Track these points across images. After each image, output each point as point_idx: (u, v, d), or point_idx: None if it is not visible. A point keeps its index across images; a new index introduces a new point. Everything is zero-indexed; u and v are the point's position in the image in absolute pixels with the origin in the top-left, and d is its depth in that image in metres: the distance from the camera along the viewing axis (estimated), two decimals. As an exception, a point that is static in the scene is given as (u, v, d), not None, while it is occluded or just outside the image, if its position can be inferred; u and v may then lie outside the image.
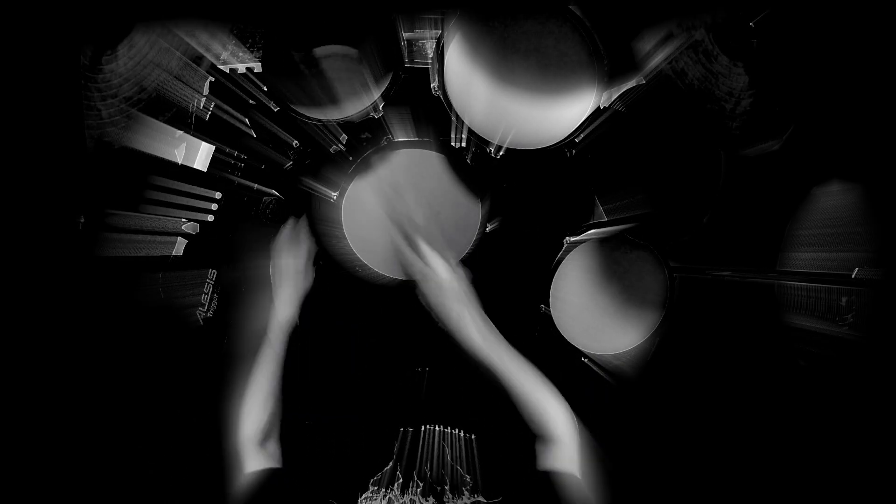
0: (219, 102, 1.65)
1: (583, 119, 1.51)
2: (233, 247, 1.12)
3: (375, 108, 1.60)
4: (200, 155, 1.67)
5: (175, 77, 1.55)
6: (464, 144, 1.63)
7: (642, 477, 1.64)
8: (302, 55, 1.54)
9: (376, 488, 1.50)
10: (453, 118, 1.54)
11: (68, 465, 1.49)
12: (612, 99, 1.54)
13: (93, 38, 1.45)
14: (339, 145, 1.69)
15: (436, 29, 1.52)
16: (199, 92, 1.62)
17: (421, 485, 1.54)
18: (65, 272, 1.52)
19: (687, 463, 1.64)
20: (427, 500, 1.50)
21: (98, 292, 1.58)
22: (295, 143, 1.73)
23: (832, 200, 1.55)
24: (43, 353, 1.47)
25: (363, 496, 1.47)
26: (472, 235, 1.68)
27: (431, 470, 1.62)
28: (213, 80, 1.62)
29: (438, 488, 1.54)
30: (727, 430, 1.63)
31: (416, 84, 1.59)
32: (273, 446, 1.06)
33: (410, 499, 1.50)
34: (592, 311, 1.65)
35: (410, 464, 1.62)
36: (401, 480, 1.52)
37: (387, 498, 1.47)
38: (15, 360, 1.42)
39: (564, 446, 1.04)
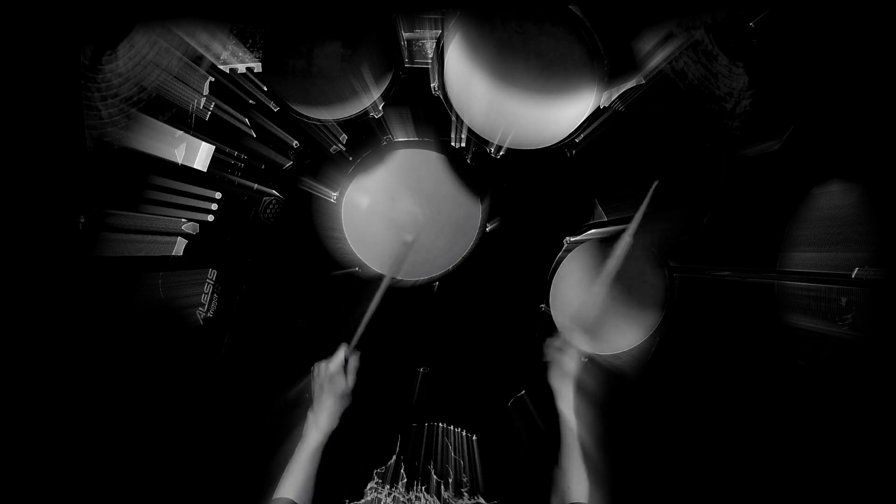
0: (219, 102, 1.65)
1: (583, 119, 1.51)
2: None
3: (375, 108, 1.61)
4: (200, 155, 1.67)
5: (175, 77, 1.55)
6: (464, 144, 1.63)
7: (643, 476, 1.64)
8: (302, 55, 1.54)
9: (381, 481, 1.51)
10: (453, 118, 1.54)
11: (68, 465, 1.49)
12: (612, 99, 1.54)
13: (93, 38, 1.45)
14: (339, 145, 1.69)
15: (436, 29, 1.52)
16: (199, 92, 1.62)
17: (425, 482, 1.54)
18: (65, 272, 1.52)
19: (687, 462, 1.64)
20: (431, 498, 1.50)
21: (98, 292, 1.58)
22: (295, 143, 1.73)
23: (832, 200, 1.55)
24: (43, 353, 1.47)
25: (369, 486, 1.48)
26: (472, 235, 1.68)
27: (435, 467, 1.63)
28: (213, 80, 1.62)
29: (442, 486, 1.55)
30: (727, 429, 1.63)
31: (416, 84, 1.59)
32: None
33: (416, 495, 1.50)
34: (592, 311, 1.65)
35: (414, 460, 1.62)
36: (405, 480, 1.53)
37: (391, 495, 1.48)
38: (15, 360, 1.42)
39: None
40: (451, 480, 1.59)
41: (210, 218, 1.71)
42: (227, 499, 1.61)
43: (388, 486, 1.49)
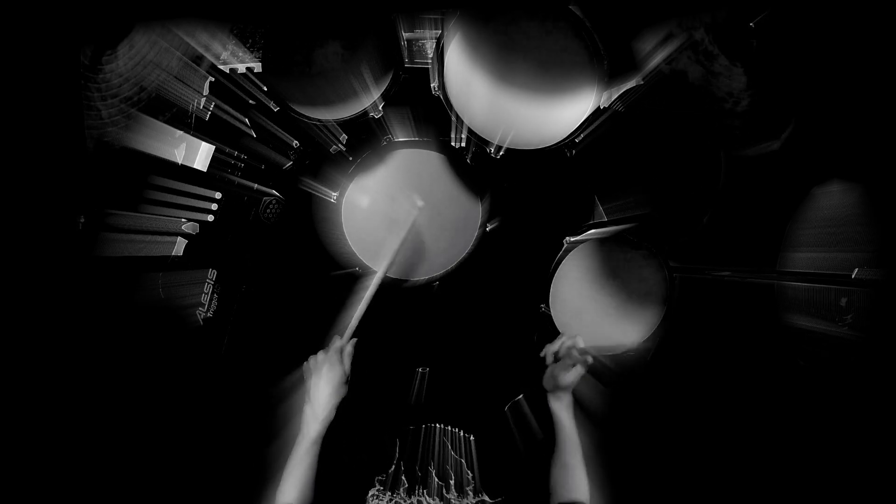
0: (219, 102, 1.65)
1: (583, 119, 1.51)
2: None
3: (375, 108, 1.61)
4: (200, 155, 1.67)
5: (175, 77, 1.55)
6: (464, 144, 1.63)
7: (642, 476, 1.64)
8: (302, 55, 1.54)
9: (382, 488, 1.51)
10: (453, 118, 1.54)
11: (68, 465, 1.49)
12: (612, 99, 1.54)
13: (93, 38, 1.45)
14: (339, 145, 1.69)
15: (436, 29, 1.52)
16: (199, 92, 1.62)
17: (427, 485, 1.54)
18: (65, 272, 1.51)
19: (687, 462, 1.64)
20: (433, 500, 1.50)
21: (98, 292, 1.58)
22: (295, 143, 1.73)
23: (832, 200, 1.55)
24: (43, 353, 1.47)
25: (370, 494, 1.48)
26: (472, 235, 1.68)
27: (436, 469, 1.63)
28: (213, 80, 1.62)
29: (444, 487, 1.55)
30: (727, 429, 1.63)
31: (416, 84, 1.59)
32: None
33: (418, 500, 1.50)
34: (592, 311, 1.65)
35: (414, 463, 1.62)
36: (406, 485, 1.52)
37: (393, 501, 1.48)
38: (15, 360, 1.42)
39: None
40: (452, 481, 1.59)
41: (210, 218, 1.71)
42: (228, 497, 1.61)
43: (389, 493, 1.49)
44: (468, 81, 1.49)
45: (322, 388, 1.24)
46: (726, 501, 1.60)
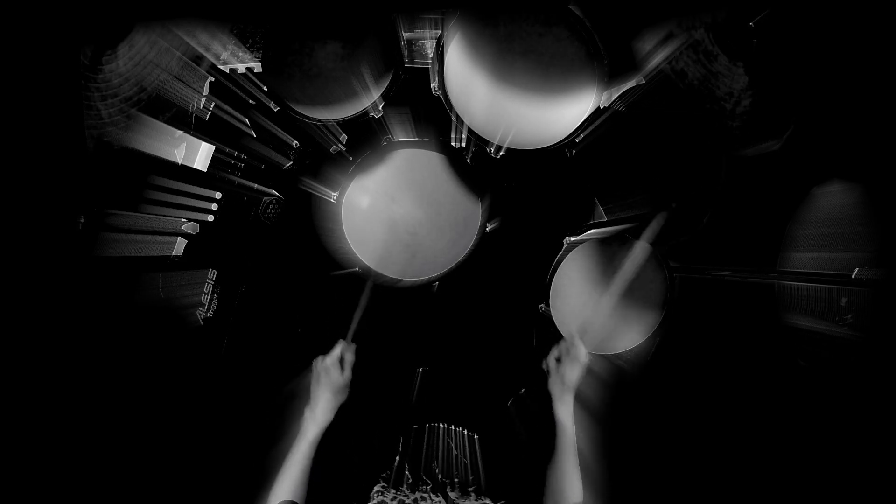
0: (219, 102, 1.65)
1: (583, 119, 1.51)
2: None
3: (375, 108, 1.61)
4: (200, 155, 1.67)
5: (175, 77, 1.55)
6: (464, 144, 1.63)
7: (642, 476, 1.64)
8: (302, 55, 1.54)
9: (386, 486, 1.51)
10: (453, 118, 1.54)
11: (68, 465, 1.49)
12: (612, 99, 1.54)
13: (93, 38, 1.45)
14: (339, 145, 1.69)
15: (436, 29, 1.52)
16: (199, 92, 1.62)
17: (430, 482, 1.54)
18: (65, 272, 1.51)
19: (687, 463, 1.64)
20: (436, 498, 1.51)
21: (98, 292, 1.58)
22: (295, 143, 1.73)
23: (832, 200, 1.55)
24: (44, 353, 1.47)
25: (374, 490, 1.49)
26: (472, 235, 1.68)
27: (439, 467, 1.63)
28: (213, 80, 1.62)
29: (447, 485, 1.55)
30: (727, 429, 1.63)
31: (416, 84, 1.59)
32: None
33: (421, 496, 1.50)
34: (592, 311, 1.65)
35: (418, 461, 1.63)
36: (410, 480, 1.53)
37: (397, 500, 1.48)
38: (16, 359, 1.42)
39: None
40: (456, 481, 1.59)
41: (210, 218, 1.71)
42: (226, 496, 1.61)
43: (393, 490, 1.50)
44: (468, 81, 1.49)
45: (322, 392, 1.27)
46: (726, 502, 1.60)
